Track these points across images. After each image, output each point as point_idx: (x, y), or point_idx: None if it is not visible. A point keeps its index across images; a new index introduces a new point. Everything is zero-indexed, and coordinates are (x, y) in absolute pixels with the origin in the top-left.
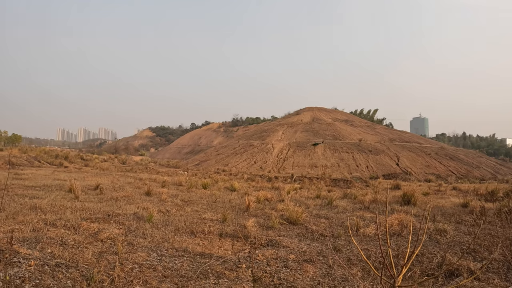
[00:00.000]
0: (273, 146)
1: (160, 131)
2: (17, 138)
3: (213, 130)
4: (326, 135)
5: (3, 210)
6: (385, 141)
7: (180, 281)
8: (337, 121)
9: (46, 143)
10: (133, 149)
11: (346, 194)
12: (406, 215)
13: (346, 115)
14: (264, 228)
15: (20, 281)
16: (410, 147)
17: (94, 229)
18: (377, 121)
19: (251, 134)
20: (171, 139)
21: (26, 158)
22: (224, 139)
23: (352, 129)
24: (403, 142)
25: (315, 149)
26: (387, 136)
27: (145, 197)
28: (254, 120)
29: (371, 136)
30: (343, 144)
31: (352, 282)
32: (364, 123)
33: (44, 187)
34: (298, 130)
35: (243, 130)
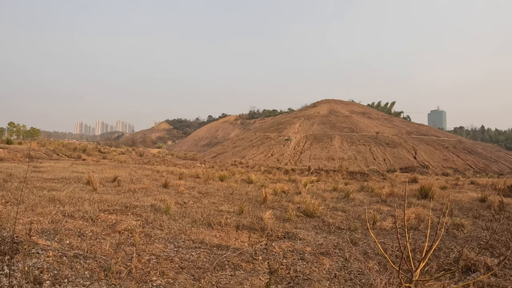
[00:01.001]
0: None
1: (177, 124)
2: (35, 132)
3: (230, 123)
4: (343, 127)
5: (22, 202)
6: (403, 134)
7: (197, 272)
8: (354, 114)
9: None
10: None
11: (363, 187)
12: (424, 209)
13: (363, 107)
14: (281, 220)
15: (39, 272)
16: (427, 140)
17: (112, 220)
18: (395, 113)
19: (268, 126)
20: (188, 131)
21: (45, 151)
22: (241, 132)
23: (369, 122)
24: (421, 135)
25: (332, 141)
26: (405, 129)
27: (162, 189)
28: (271, 113)
29: (389, 128)
30: (360, 136)
31: (368, 276)
32: (381, 115)
33: (63, 180)
34: (315, 122)
35: (260, 122)
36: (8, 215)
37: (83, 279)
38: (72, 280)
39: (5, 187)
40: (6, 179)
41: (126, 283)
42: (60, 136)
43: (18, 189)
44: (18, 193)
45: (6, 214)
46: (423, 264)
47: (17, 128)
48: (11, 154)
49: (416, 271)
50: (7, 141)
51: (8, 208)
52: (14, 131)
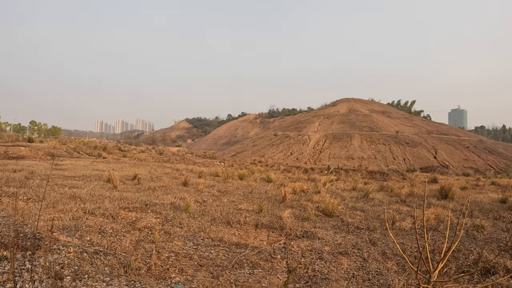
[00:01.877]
0: (309, 138)
1: (197, 123)
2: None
3: (249, 122)
4: (362, 126)
5: (44, 199)
6: (423, 133)
7: (216, 270)
8: (373, 113)
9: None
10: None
11: (383, 187)
12: (443, 210)
13: (383, 106)
14: (300, 219)
15: (60, 268)
16: (448, 140)
17: (132, 218)
18: (415, 112)
19: (287, 125)
20: (208, 130)
21: (66, 149)
22: (261, 130)
23: (389, 121)
24: (441, 134)
25: (352, 140)
26: (425, 128)
27: (182, 187)
28: (290, 111)
29: (409, 128)
30: (380, 136)
31: (387, 276)
32: (401, 114)
33: (83, 177)
34: (335, 121)
35: (280, 121)
36: (30, 211)
37: (103, 275)
38: (93, 276)
39: (27, 184)
40: (28, 177)
41: (146, 280)
42: (80, 135)
43: (39, 186)
44: (39, 190)
45: (28, 210)
46: (441, 265)
47: (38, 127)
48: (33, 152)
49: (434, 272)
50: (28, 139)
51: (30, 205)
52: (36, 130)
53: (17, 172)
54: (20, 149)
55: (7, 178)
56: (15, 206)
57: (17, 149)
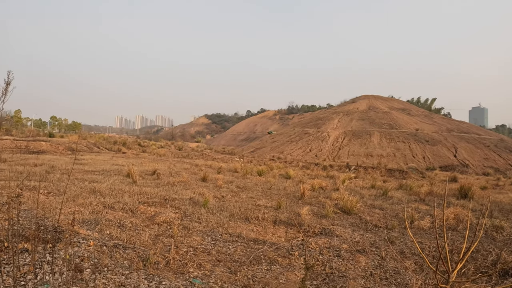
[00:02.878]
0: (328, 134)
1: (216, 118)
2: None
3: (268, 118)
4: (382, 123)
5: (64, 193)
6: (443, 131)
7: (233, 265)
8: (393, 110)
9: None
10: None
11: (402, 185)
12: (463, 209)
13: (402, 103)
14: (318, 216)
15: (79, 260)
16: (468, 138)
17: (151, 212)
18: (435, 110)
19: (306, 121)
20: (227, 126)
21: (86, 144)
22: (280, 127)
23: (409, 118)
24: (461, 133)
25: (371, 137)
26: (445, 126)
27: (201, 182)
28: (309, 108)
29: (428, 125)
30: (400, 133)
31: (404, 275)
32: (421, 112)
33: (103, 172)
34: (354, 118)
35: (299, 117)
36: (50, 205)
37: (122, 269)
38: (112, 269)
39: (47, 178)
40: (49, 171)
41: (164, 274)
42: (100, 130)
43: (60, 180)
44: (60, 184)
45: (49, 204)
46: (460, 265)
47: (59, 122)
48: (54, 147)
49: (453, 273)
50: (49, 134)
51: (51, 199)
52: (56, 125)
53: (38, 166)
54: (41, 144)
55: (28, 172)
56: (37, 199)
57: (38, 144)
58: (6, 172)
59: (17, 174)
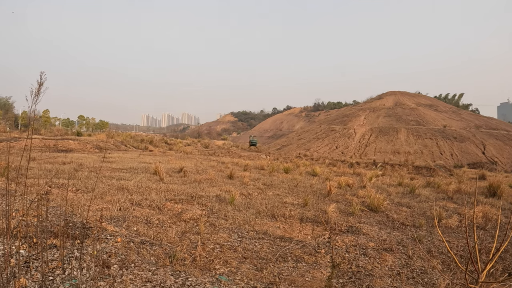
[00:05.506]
0: (355, 131)
1: (242, 116)
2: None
3: (294, 115)
4: (409, 120)
5: (92, 191)
6: (471, 127)
7: (260, 263)
8: (420, 106)
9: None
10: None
11: (429, 183)
12: (491, 208)
13: (430, 99)
14: (345, 214)
15: (107, 256)
16: (497, 135)
17: (178, 209)
18: (463, 106)
19: (332, 118)
20: (253, 123)
21: (113, 142)
22: (306, 124)
23: (436, 115)
24: (490, 129)
25: (398, 134)
26: (473, 122)
27: (227, 180)
28: (335, 105)
29: (456, 122)
30: (427, 130)
31: (431, 275)
32: (448, 108)
33: (130, 170)
34: (381, 115)
35: (325, 114)
36: (78, 202)
37: (149, 265)
38: (139, 265)
39: (75, 176)
40: (77, 169)
41: (190, 270)
42: (127, 128)
43: (88, 178)
44: (88, 182)
45: (77, 201)
46: (490, 265)
47: (86, 121)
48: (81, 145)
49: (482, 273)
50: (77, 133)
51: (79, 196)
52: (84, 124)
53: (66, 164)
54: (69, 143)
55: (57, 170)
56: (65, 197)
57: (66, 143)
58: (35, 170)
59: (46, 172)
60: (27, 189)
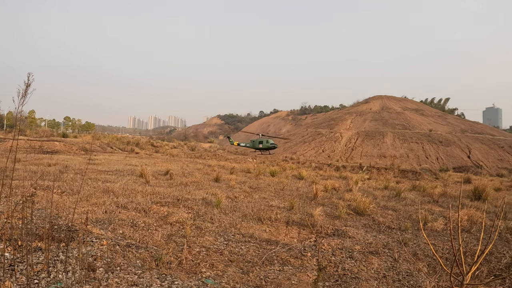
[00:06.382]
0: (341, 135)
1: (229, 119)
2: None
3: (281, 118)
4: (395, 124)
5: (78, 193)
6: (456, 132)
7: (246, 266)
8: (406, 110)
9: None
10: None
11: (415, 186)
12: (476, 211)
13: (416, 104)
14: (331, 217)
15: (92, 259)
16: (482, 139)
17: (164, 212)
18: (449, 110)
19: (319, 122)
20: (240, 126)
21: (99, 144)
22: (292, 127)
23: (422, 119)
24: (475, 133)
25: (384, 138)
26: (459, 127)
27: (213, 183)
28: (322, 109)
29: (442, 126)
30: (413, 134)
31: (417, 277)
32: (434, 112)
33: (116, 172)
34: (367, 119)
35: (312, 118)
36: (64, 204)
37: (135, 268)
38: (124, 268)
39: (61, 178)
40: (62, 171)
41: (176, 274)
42: (114, 130)
43: (73, 180)
44: (73, 184)
45: (62, 203)
46: (475, 268)
47: (72, 122)
48: (67, 147)
49: (467, 275)
50: (63, 134)
51: (64, 198)
52: (70, 125)
53: (52, 166)
54: (55, 144)
55: (42, 172)
56: (50, 199)
57: (51, 144)
58: (20, 171)
59: (31, 174)
60: (12, 191)
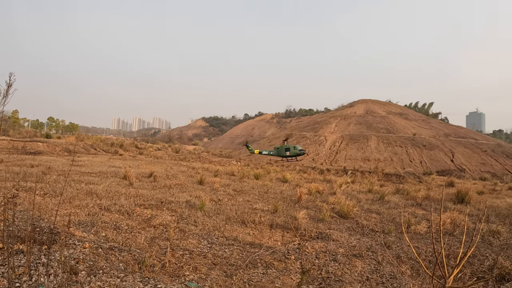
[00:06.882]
0: (325, 138)
1: (214, 121)
2: (74, 127)
3: (266, 121)
4: (379, 128)
5: (61, 195)
6: (440, 136)
7: (229, 269)
8: (391, 114)
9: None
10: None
11: (399, 190)
12: (459, 214)
13: (400, 108)
14: (315, 220)
15: (75, 262)
16: (465, 143)
17: (147, 215)
18: (432, 115)
19: (304, 125)
20: (224, 129)
21: (83, 145)
22: (277, 130)
23: (406, 123)
24: (459, 137)
25: (368, 142)
26: (442, 131)
27: (197, 185)
28: (307, 112)
29: (426, 130)
30: (397, 138)
31: (401, 280)
32: (418, 116)
33: (100, 174)
34: (352, 122)
35: (296, 121)
36: (46, 206)
37: (118, 271)
38: (107, 271)
39: (44, 180)
40: (45, 172)
41: (160, 277)
42: (98, 131)
43: (56, 181)
44: (56, 185)
45: (45, 205)
46: (457, 270)
47: (56, 123)
48: (50, 148)
49: (449, 278)
50: (46, 135)
51: (47, 200)
52: (53, 126)
53: (35, 167)
54: (38, 145)
55: (24, 173)
56: (33, 201)
57: (35, 145)
58: (2, 172)
59: (13, 175)
60: None
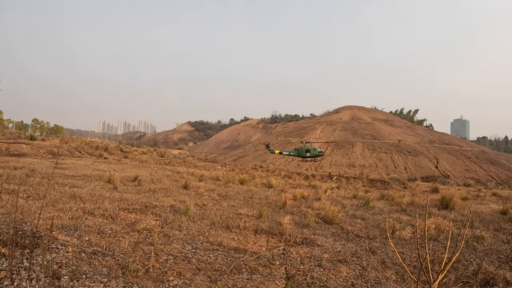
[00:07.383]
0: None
1: (199, 126)
2: (59, 129)
3: (251, 126)
4: (365, 134)
5: (44, 198)
6: (425, 142)
7: (214, 274)
8: (376, 121)
9: (87, 135)
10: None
11: (383, 195)
12: (444, 220)
13: (386, 114)
14: (300, 226)
15: (58, 267)
16: (450, 150)
17: (131, 219)
18: (417, 122)
19: (289, 131)
20: (210, 134)
21: (67, 148)
22: (263, 136)
23: (392, 129)
24: (443, 144)
25: (354, 148)
26: (427, 137)
27: (182, 190)
28: (293, 118)
29: (411, 137)
30: (382, 144)
31: (385, 285)
32: (404, 123)
33: (84, 177)
34: (337, 128)
35: (282, 127)
36: (29, 209)
37: (101, 276)
38: (90, 276)
39: (27, 182)
40: (29, 174)
41: (143, 282)
42: (83, 134)
43: (40, 184)
44: (40, 188)
45: (28, 208)
46: (441, 276)
47: (41, 125)
48: (34, 150)
49: (434, 283)
50: (30, 137)
51: (30, 203)
52: (38, 128)
53: (18, 169)
54: (22, 147)
55: (7, 175)
56: (15, 203)
57: (19, 147)
58: None
59: None
60: None
